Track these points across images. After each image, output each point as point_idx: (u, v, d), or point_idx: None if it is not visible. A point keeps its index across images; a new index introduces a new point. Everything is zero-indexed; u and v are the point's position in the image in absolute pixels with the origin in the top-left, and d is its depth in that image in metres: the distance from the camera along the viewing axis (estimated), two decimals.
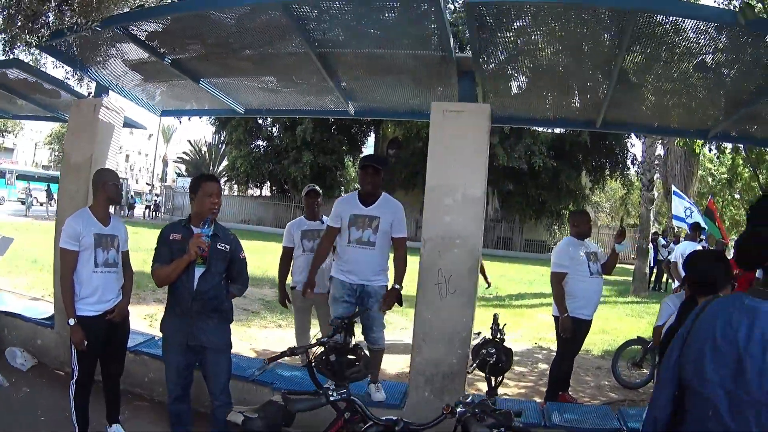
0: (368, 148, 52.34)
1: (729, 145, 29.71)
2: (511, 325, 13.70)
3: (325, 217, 8.52)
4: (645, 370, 10.71)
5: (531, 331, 14.57)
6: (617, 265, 9.68)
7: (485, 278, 12.58)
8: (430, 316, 6.91)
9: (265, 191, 57.48)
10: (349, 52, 7.48)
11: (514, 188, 45.00)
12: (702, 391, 2.71)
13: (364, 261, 7.29)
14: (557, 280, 8.45)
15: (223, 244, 6.09)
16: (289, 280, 9.04)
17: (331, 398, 4.20)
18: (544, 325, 15.20)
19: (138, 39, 7.40)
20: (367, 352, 6.82)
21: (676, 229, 27.70)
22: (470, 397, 4.38)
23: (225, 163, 64.16)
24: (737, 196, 40.70)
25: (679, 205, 19.61)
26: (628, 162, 48.11)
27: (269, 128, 48.96)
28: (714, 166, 43.25)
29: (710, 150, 31.59)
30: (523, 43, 6.83)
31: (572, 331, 8.25)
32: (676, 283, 14.26)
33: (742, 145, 25.27)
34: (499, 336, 5.77)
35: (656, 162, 27.69)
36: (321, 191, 9.18)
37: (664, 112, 8.64)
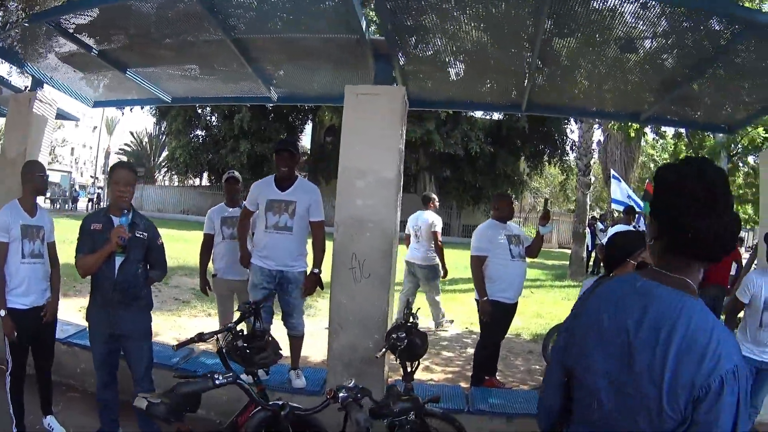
0: (306, 136, 52.22)
1: (671, 131, 30.06)
2: (445, 309, 13.75)
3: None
4: None
5: (463, 316, 14.38)
6: (558, 250, 9.67)
7: (443, 266, 12.68)
8: (346, 301, 6.90)
9: (205, 181, 56.71)
10: (264, 37, 7.45)
11: (451, 174, 45.21)
12: (585, 381, 2.49)
13: (282, 246, 7.27)
14: (477, 263, 8.35)
15: (141, 232, 6.10)
16: (211, 267, 8.95)
17: (217, 382, 4.07)
18: (476, 310, 15.04)
19: (68, 32, 7.39)
20: (292, 338, 7.45)
21: (615, 214, 27.81)
22: (352, 382, 4.35)
23: (165, 153, 63.29)
24: None
25: (619, 189, 19.73)
26: (567, 148, 48.52)
27: (208, 117, 48.41)
28: (656, 152, 43.57)
29: (652, 136, 32.07)
30: (441, 24, 6.83)
31: (492, 314, 8.18)
32: None
33: (684, 131, 25.69)
34: (411, 320, 5.74)
35: (594, 147, 27.76)
36: (241, 178, 9.14)
37: (597, 96, 8.75)
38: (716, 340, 2.19)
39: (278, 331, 7.02)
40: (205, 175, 54.88)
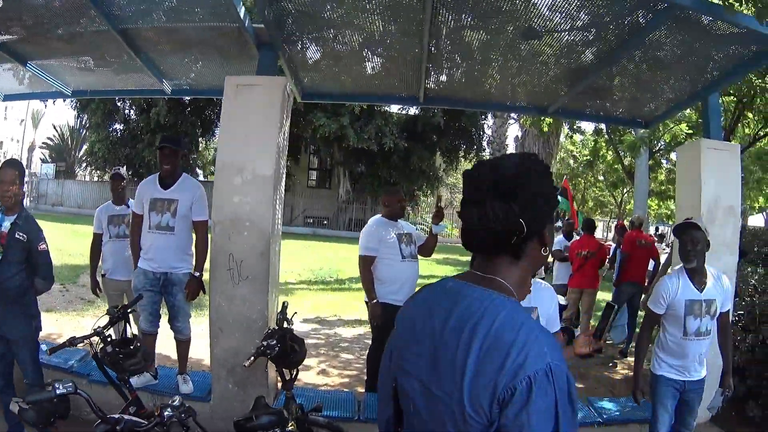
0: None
1: (591, 128, 30.20)
2: (348, 309, 13.53)
3: (131, 201, 8.22)
4: None
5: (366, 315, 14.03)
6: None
7: None
8: (225, 304, 6.73)
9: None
10: (148, 27, 7.23)
11: (366, 170, 45.11)
12: (404, 386, 2.33)
13: (164, 247, 7.10)
14: (365, 264, 7.94)
15: (21, 234, 5.89)
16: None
17: (57, 392, 4.01)
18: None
19: None
20: (178, 342, 7.37)
21: None
22: (177, 400, 4.29)
23: (85, 147, 62.13)
24: (601, 177, 41.35)
25: None
26: (484, 143, 48.30)
27: (126, 111, 46.88)
28: (577, 148, 43.94)
29: (570, 132, 32.10)
30: (329, 12, 6.71)
31: (382, 318, 7.70)
32: None
33: (604, 127, 25.80)
34: (285, 325, 5.51)
35: (507, 144, 27.75)
36: (126, 175, 8.99)
37: (507, 89, 8.76)
38: (524, 338, 2.01)
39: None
40: (124, 170, 53.67)
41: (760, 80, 14.41)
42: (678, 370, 5.95)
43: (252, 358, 5.17)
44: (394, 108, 42.99)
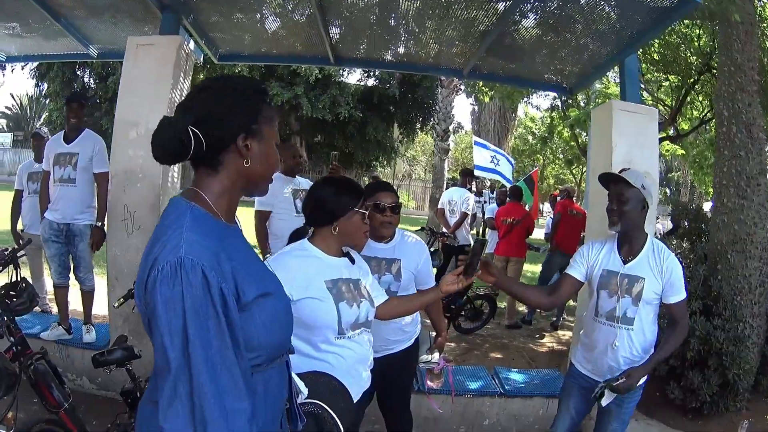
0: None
1: (546, 103, 29.85)
2: None
3: None
4: None
5: None
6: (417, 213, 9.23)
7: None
8: (120, 253, 6.77)
9: None
10: None
11: (322, 140, 44.62)
12: None
13: (66, 198, 7.35)
14: (259, 219, 7.70)
15: None
16: None
17: None
18: None
19: None
20: (82, 292, 7.69)
21: (485, 183, 27.10)
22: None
23: (45, 116, 61.19)
24: (561, 156, 41.02)
25: (484, 155, 18.78)
26: (438, 116, 47.40)
27: (85, 80, 45.72)
28: (536, 125, 43.61)
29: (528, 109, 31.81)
30: None
31: None
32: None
33: (559, 104, 25.39)
34: None
35: (452, 112, 27.32)
36: (47, 134, 9.15)
37: (415, 49, 8.55)
38: (170, 233, 2.10)
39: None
40: (44, 129, 52.78)
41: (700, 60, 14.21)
42: (587, 364, 4.87)
43: (121, 299, 5.34)
44: (352, 79, 42.65)
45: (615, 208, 4.49)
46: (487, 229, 13.71)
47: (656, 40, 14.00)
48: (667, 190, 55.85)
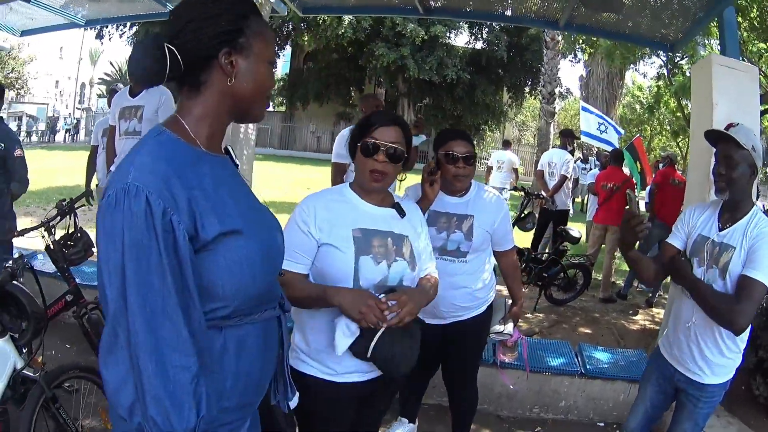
0: (280, 61, 51.89)
1: (653, 71, 28.81)
2: None
3: None
4: None
5: None
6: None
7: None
8: None
9: None
10: None
11: (429, 101, 43.90)
12: None
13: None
14: (336, 171, 7.30)
15: None
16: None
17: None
18: None
19: None
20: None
21: (593, 149, 26.09)
22: None
23: None
24: (668, 127, 39.78)
25: (591, 121, 17.73)
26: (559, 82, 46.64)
27: None
28: (643, 93, 42.39)
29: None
30: None
31: None
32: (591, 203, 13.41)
33: (666, 71, 24.30)
34: None
35: (558, 74, 26.58)
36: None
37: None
38: (127, 159, 1.91)
39: None
40: (120, 85, 53.75)
41: None
42: (669, 348, 4.10)
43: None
44: (459, 41, 42.13)
45: (723, 172, 3.71)
46: (588, 196, 13.04)
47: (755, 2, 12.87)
48: None
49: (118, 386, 1.82)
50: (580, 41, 18.80)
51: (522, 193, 11.04)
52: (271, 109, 50.82)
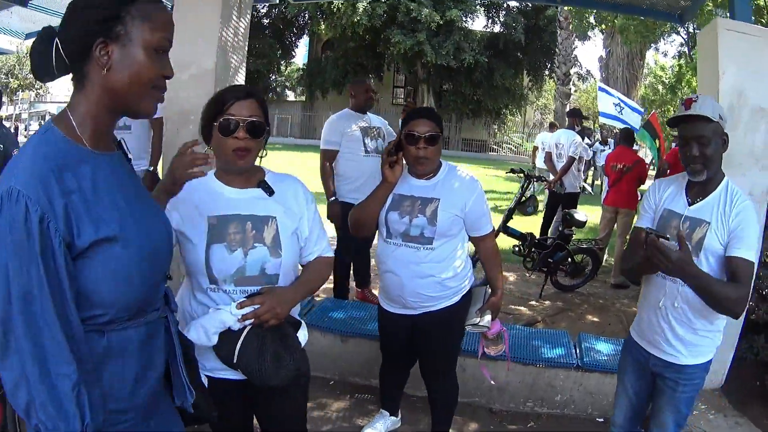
0: (301, 52, 52.29)
1: (673, 50, 28.34)
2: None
3: None
4: None
5: None
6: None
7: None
8: None
9: None
10: None
11: (449, 87, 43.60)
12: None
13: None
14: (324, 158, 7.31)
15: None
16: None
17: None
18: None
19: None
20: None
21: (612, 131, 25.73)
22: None
23: None
24: None
25: (607, 102, 17.42)
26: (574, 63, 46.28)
27: None
28: (665, 73, 41.86)
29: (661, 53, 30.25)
30: None
31: (341, 217, 6.93)
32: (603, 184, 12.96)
33: (687, 50, 23.77)
34: None
35: (573, 54, 26.33)
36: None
37: None
38: (18, 157, 1.86)
39: None
40: None
41: None
42: (641, 331, 3.81)
43: None
44: (477, 25, 42.02)
45: (698, 153, 3.41)
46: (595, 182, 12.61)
47: None
48: None
49: (13, 388, 1.76)
50: (590, 18, 18.30)
51: (518, 174, 10.51)
52: (291, 98, 51.47)
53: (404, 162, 4.11)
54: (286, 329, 2.94)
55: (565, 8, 25.83)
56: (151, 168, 7.16)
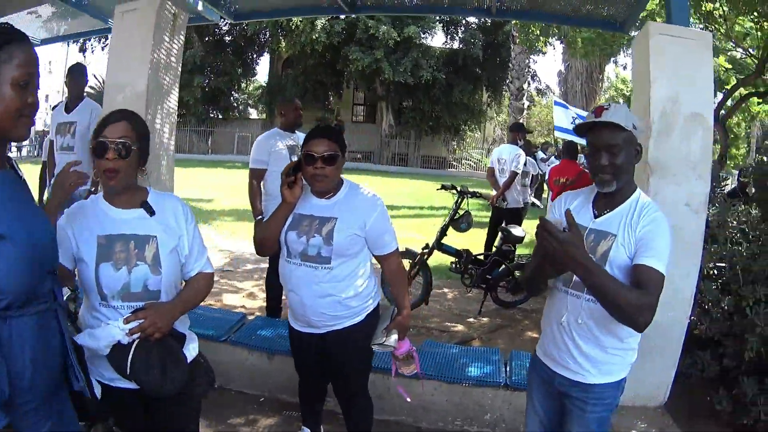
0: (263, 69, 52.19)
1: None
2: None
3: None
4: None
5: None
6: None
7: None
8: None
9: None
10: None
11: (408, 104, 43.56)
12: None
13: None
14: (252, 177, 7.44)
15: None
16: None
17: None
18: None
19: None
20: None
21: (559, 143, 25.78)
22: None
23: None
24: None
25: (563, 116, 17.90)
26: (529, 78, 46.31)
27: None
28: (626, 86, 42.28)
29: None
30: None
31: None
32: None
33: None
34: None
35: (527, 71, 26.46)
36: None
37: None
38: None
39: None
40: None
41: None
42: (545, 348, 3.52)
43: None
44: (437, 42, 42.11)
45: (607, 163, 3.17)
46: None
47: None
48: (765, 158, 53.34)
49: None
50: (537, 32, 18.16)
51: (450, 191, 10.20)
52: (254, 116, 51.14)
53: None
54: (170, 343, 3.16)
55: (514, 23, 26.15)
56: (92, 189, 6.63)
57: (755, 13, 13.15)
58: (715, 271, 6.29)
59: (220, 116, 46.71)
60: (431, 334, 8.06)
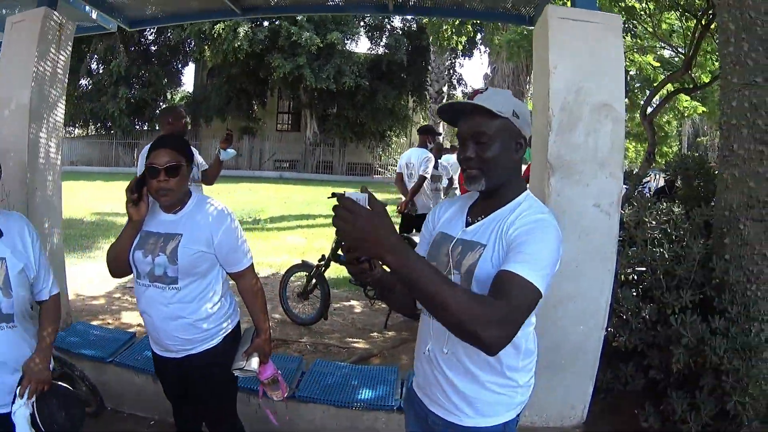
0: (188, 79, 51.96)
1: None
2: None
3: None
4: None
5: (258, 254, 12.57)
6: None
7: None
8: None
9: (92, 131, 52.80)
10: None
11: (332, 111, 43.15)
12: None
13: None
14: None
15: None
16: None
17: None
18: (284, 248, 14.44)
19: None
20: None
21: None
22: None
23: None
24: None
25: None
26: (454, 82, 47.19)
27: (90, 65, 45.44)
28: None
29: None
30: None
31: None
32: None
33: None
34: None
35: (446, 74, 26.20)
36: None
37: None
38: None
39: None
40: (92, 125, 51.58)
41: None
42: (418, 380, 2.90)
43: None
44: (361, 48, 42.03)
45: (473, 155, 2.53)
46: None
47: None
48: (688, 153, 54.45)
49: None
50: (450, 31, 17.67)
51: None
52: None
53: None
54: (54, 386, 3.39)
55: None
56: None
57: (679, 9, 12.71)
58: (635, 277, 5.72)
59: (146, 128, 45.38)
60: (329, 351, 7.59)
